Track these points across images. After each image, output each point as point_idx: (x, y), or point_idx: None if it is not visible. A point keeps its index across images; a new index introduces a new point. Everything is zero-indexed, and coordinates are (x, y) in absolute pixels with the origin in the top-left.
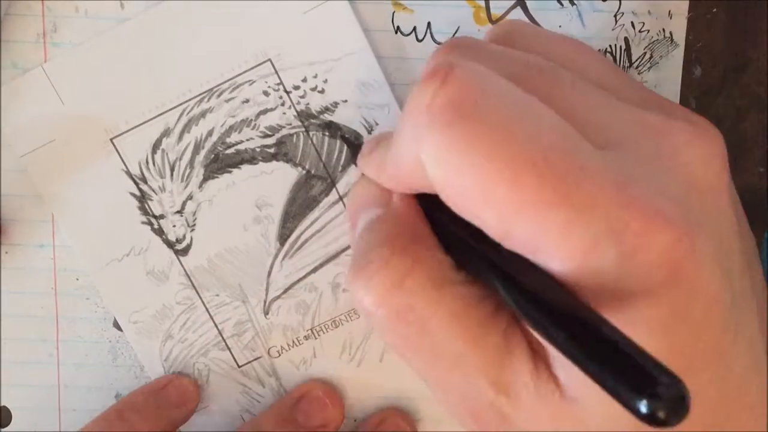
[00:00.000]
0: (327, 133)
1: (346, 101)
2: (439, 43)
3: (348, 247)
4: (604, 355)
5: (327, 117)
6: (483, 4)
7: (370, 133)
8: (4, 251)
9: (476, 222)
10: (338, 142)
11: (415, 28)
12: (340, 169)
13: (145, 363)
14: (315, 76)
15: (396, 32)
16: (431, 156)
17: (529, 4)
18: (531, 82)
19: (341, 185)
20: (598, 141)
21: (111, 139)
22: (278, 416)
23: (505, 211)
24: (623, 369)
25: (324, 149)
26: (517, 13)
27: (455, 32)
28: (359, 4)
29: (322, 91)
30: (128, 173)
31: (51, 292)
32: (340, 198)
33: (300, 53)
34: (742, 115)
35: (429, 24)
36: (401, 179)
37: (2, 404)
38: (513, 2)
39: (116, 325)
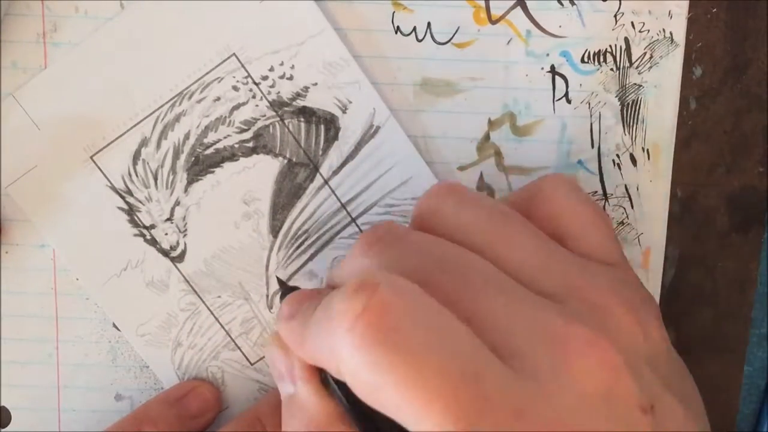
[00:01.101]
0: (302, 119)
1: (316, 84)
2: (439, 43)
3: (342, 230)
4: None
5: (300, 103)
6: (483, 4)
7: (344, 112)
8: (4, 251)
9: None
10: (314, 126)
11: (415, 28)
12: (320, 153)
13: (159, 374)
14: (281, 64)
15: (396, 32)
16: (348, 369)
17: (529, 4)
18: (444, 284)
19: (324, 169)
20: (501, 347)
21: (91, 157)
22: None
23: (413, 427)
24: None
25: (302, 135)
26: (517, 13)
27: (455, 32)
28: (359, 3)
29: (290, 78)
30: (113, 188)
31: (51, 292)
32: (326, 182)
33: (263, 43)
34: (742, 115)
35: (429, 24)
36: (316, 364)
37: (2, 404)
38: (513, 2)
39: (116, 325)
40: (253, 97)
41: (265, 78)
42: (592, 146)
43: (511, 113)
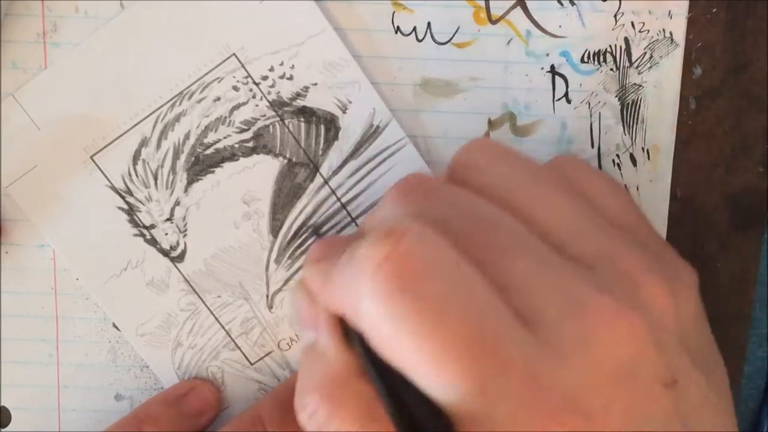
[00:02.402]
0: (302, 119)
1: (316, 84)
2: (439, 43)
3: (342, 230)
4: None
5: (300, 103)
6: (483, 4)
7: (344, 112)
8: (4, 251)
9: (404, 371)
10: (314, 126)
11: (415, 28)
12: (320, 153)
13: (159, 374)
14: (281, 64)
15: (396, 32)
16: (367, 317)
17: (529, 4)
18: (473, 241)
19: (324, 169)
20: (525, 311)
21: (91, 157)
22: (276, 404)
23: (423, 380)
24: None
25: (302, 135)
26: (517, 13)
27: (455, 32)
28: (359, 3)
29: (290, 78)
30: (113, 188)
31: (51, 292)
32: (326, 182)
33: (263, 43)
34: (742, 115)
35: (429, 24)
36: (336, 311)
37: (2, 404)
38: (513, 2)
39: (116, 325)
40: (253, 97)
41: (265, 78)
42: (592, 146)
43: (511, 113)
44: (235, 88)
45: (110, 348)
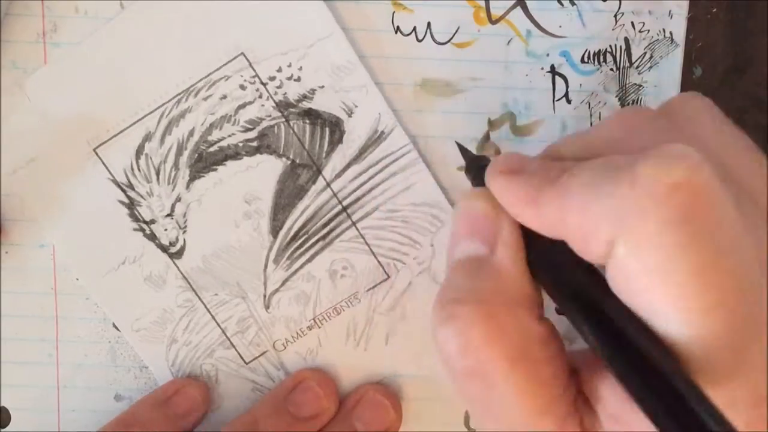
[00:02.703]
0: (308, 121)
1: (323, 87)
2: (439, 43)
3: (342, 233)
4: None
5: (306, 105)
6: (483, 4)
7: (350, 116)
8: (4, 251)
9: (634, 303)
10: (319, 128)
11: (415, 28)
12: (324, 155)
13: (153, 369)
14: (289, 65)
15: (396, 32)
16: (639, 244)
17: (529, 4)
18: (744, 172)
19: (327, 171)
20: None
21: (94, 149)
22: (272, 407)
23: (678, 324)
24: None
25: (306, 137)
26: (517, 13)
27: (455, 32)
28: (359, 3)
29: (298, 80)
30: (114, 181)
31: (51, 292)
32: (328, 184)
33: (272, 44)
34: (742, 115)
35: (429, 24)
36: (555, 232)
37: (1, 404)
38: (513, 2)
39: (116, 326)
40: (260, 96)
41: (272, 78)
42: None
43: (511, 113)
44: (242, 87)
45: (110, 348)
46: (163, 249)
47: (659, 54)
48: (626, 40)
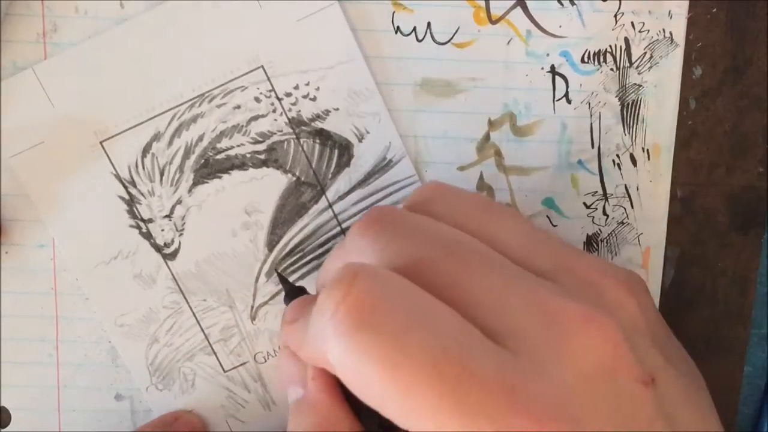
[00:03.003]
0: (318, 141)
1: (337, 109)
2: (439, 43)
3: None
4: None
5: (318, 125)
6: (483, 4)
7: (360, 141)
8: (4, 251)
9: (382, 413)
10: (328, 149)
11: (415, 28)
12: (330, 176)
13: (130, 366)
14: (307, 84)
15: (396, 32)
16: (335, 358)
17: (529, 4)
18: (440, 265)
19: (331, 193)
20: (497, 327)
21: (101, 142)
22: None
23: (401, 414)
24: None
25: (314, 156)
26: (517, 13)
27: (455, 32)
28: (359, 4)
29: (313, 99)
30: (117, 176)
31: (51, 292)
32: (330, 205)
33: (293, 61)
34: (742, 115)
35: (429, 24)
36: (316, 364)
37: (2, 404)
38: (513, 2)
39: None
40: (274, 111)
41: (288, 95)
42: (592, 146)
43: (511, 113)
44: (257, 100)
45: (110, 348)
46: (158, 249)
47: (659, 54)
48: (626, 40)
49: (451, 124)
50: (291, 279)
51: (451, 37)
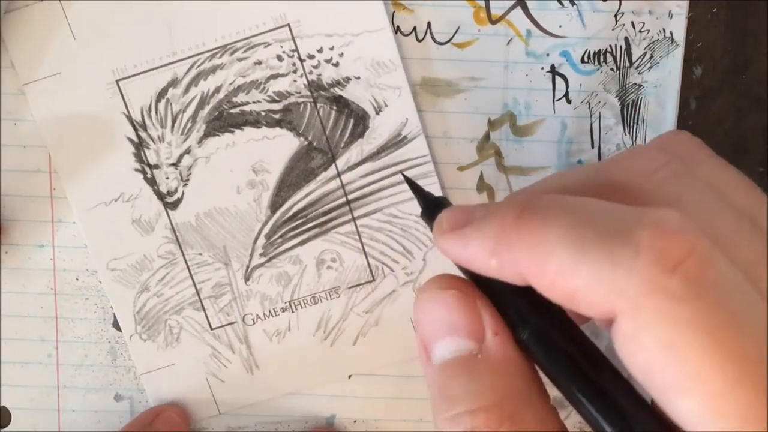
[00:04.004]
0: (335, 108)
1: (359, 78)
2: (439, 43)
3: (340, 226)
4: None
5: (337, 91)
6: (483, 4)
7: (378, 113)
8: (4, 251)
9: (644, 376)
10: (344, 118)
11: (415, 28)
12: (342, 145)
13: (118, 312)
14: (331, 48)
15: (396, 32)
16: (645, 319)
17: (529, 4)
18: (734, 243)
19: (341, 162)
20: None
21: (117, 81)
22: None
23: (707, 406)
24: None
25: (329, 123)
26: (517, 13)
27: (455, 32)
28: None
29: (336, 64)
30: (129, 117)
31: (51, 292)
32: (338, 174)
33: (320, 23)
34: (742, 115)
35: (429, 24)
36: (531, 281)
37: (2, 404)
38: (513, 2)
39: (116, 326)
40: (294, 71)
41: (311, 57)
42: (592, 146)
43: (511, 113)
44: (279, 58)
45: (110, 348)
46: (160, 196)
47: (659, 54)
48: (626, 40)
49: (451, 124)
50: (290, 242)
51: (451, 37)
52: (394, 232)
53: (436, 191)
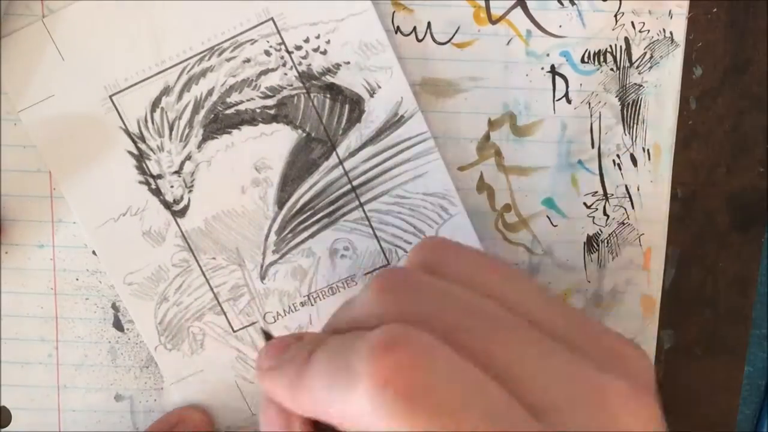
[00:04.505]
0: (328, 96)
1: (348, 63)
2: (439, 43)
3: (348, 213)
4: None
5: (329, 79)
6: (483, 4)
7: (372, 96)
8: (4, 251)
9: None
10: (339, 104)
11: (415, 28)
12: (340, 132)
13: (139, 326)
14: (318, 37)
15: (396, 32)
16: (375, 427)
17: (529, 4)
18: (473, 333)
19: (341, 149)
20: (536, 402)
21: (110, 96)
22: None
23: None
24: None
25: (325, 112)
26: (517, 13)
27: (455, 32)
28: None
29: (324, 52)
30: (126, 131)
31: (51, 292)
32: (340, 162)
33: (303, 13)
34: (742, 115)
35: (429, 24)
36: (317, 417)
37: (2, 404)
38: (513, 2)
39: (116, 326)
40: (284, 65)
41: (298, 48)
42: (593, 146)
43: (511, 113)
44: (267, 53)
45: (110, 348)
46: (167, 206)
47: (659, 54)
48: (626, 40)
49: (451, 124)
50: (302, 236)
51: (451, 37)
52: (403, 212)
53: (439, 167)
